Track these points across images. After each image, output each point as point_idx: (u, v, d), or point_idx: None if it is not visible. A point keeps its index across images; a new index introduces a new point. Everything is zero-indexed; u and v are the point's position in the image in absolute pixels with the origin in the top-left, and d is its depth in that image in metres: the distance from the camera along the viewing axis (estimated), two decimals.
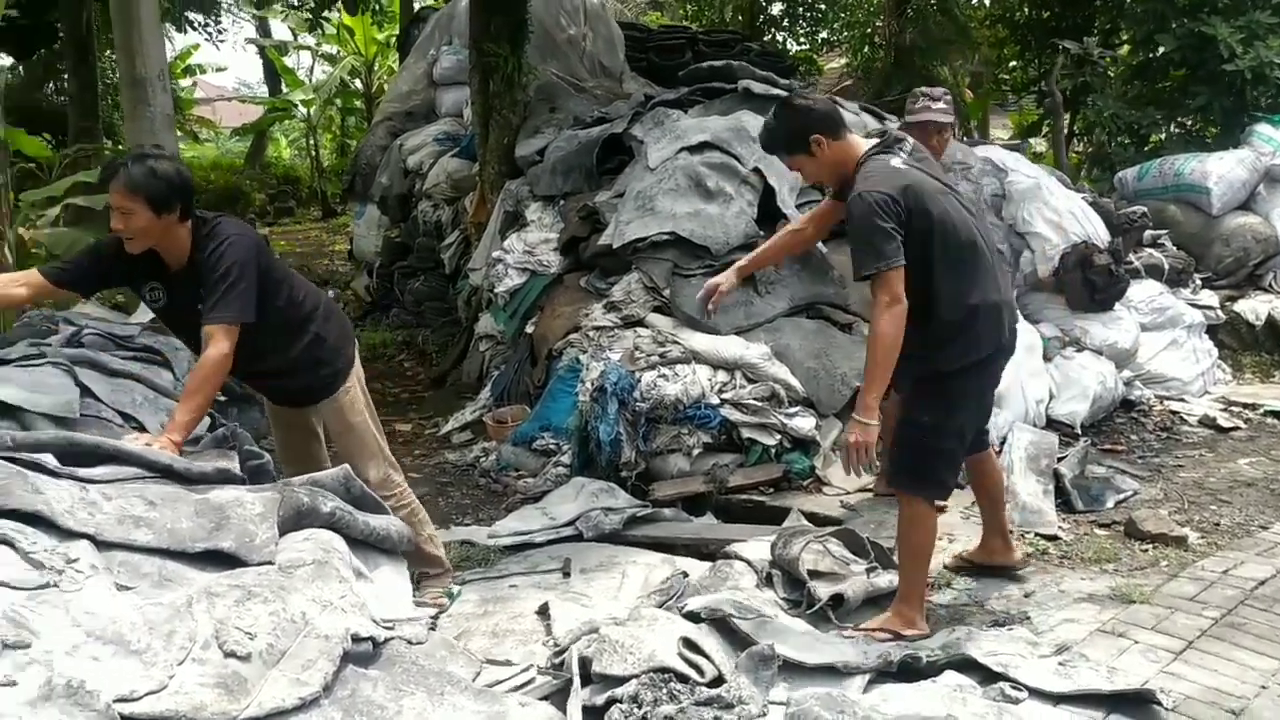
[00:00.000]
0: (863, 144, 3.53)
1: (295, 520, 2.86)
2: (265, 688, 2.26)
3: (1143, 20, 10.39)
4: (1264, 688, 3.07)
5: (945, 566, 4.16)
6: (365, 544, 3.11)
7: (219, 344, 3.20)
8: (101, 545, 2.50)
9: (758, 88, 6.79)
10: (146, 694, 2.11)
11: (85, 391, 4.50)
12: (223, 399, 5.45)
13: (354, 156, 11.20)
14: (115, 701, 2.05)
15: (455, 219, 8.80)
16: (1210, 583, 3.85)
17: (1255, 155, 7.48)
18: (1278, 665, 3.20)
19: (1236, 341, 7.28)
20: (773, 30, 17.55)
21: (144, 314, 5.82)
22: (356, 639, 2.50)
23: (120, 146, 13.94)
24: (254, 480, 3.12)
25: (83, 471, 2.76)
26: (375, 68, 20.44)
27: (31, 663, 2.07)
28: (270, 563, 2.62)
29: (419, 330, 9.09)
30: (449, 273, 8.64)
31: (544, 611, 3.76)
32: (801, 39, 18.01)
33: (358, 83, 21.12)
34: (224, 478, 3.00)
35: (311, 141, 21.30)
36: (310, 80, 23.17)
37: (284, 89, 22.67)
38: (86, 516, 2.54)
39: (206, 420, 4.30)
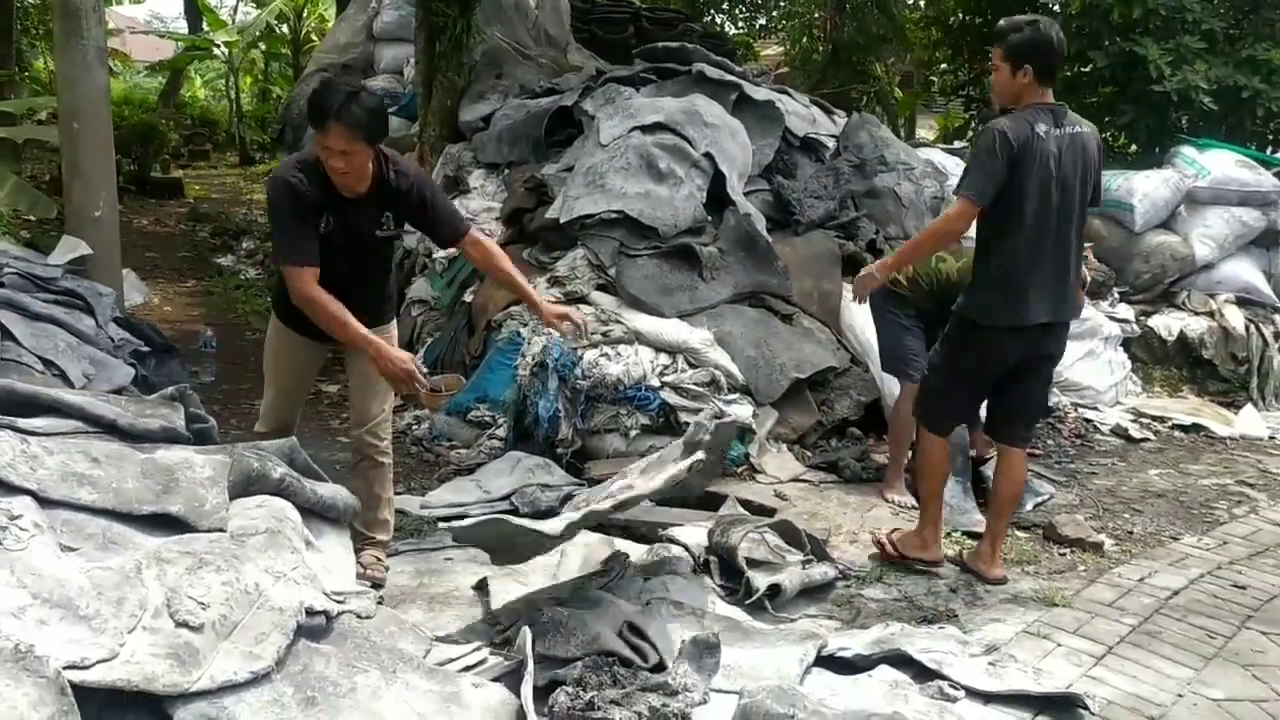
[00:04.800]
0: (1041, 101, 3.78)
1: (244, 485, 2.78)
2: (217, 660, 2.20)
3: (1076, 35, 10.64)
4: (1180, 696, 3.21)
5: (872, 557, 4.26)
6: (310, 513, 3.04)
7: (483, 235, 3.76)
8: (44, 503, 2.39)
9: (712, 72, 6.78)
10: (97, 662, 2.03)
11: (5, 334, 4.31)
12: (145, 349, 5.27)
13: (285, 106, 10.86)
14: (65, 669, 1.97)
15: None
16: (1127, 590, 4.01)
17: (1179, 176, 7.73)
18: (1193, 674, 3.35)
19: (1148, 355, 7.54)
20: (712, 12, 17.55)
21: (63, 254, 5.58)
22: (310, 612, 2.45)
23: (27, 74, 13.31)
24: (199, 444, 3.02)
25: (22, 422, 2.64)
26: (305, 14, 19.85)
27: None
28: (221, 529, 2.54)
29: None
30: None
31: (481, 587, 3.73)
32: (740, 23, 18.08)
33: (284, 28, 20.49)
34: (169, 436, 2.89)
35: (231, 84, 20.58)
36: (234, 21, 22.36)
37: (205, 28, 21.85)
38: (28, 471, 2.43)
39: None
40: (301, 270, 3.32)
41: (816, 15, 15.96)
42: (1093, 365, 6.82)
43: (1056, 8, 12.68)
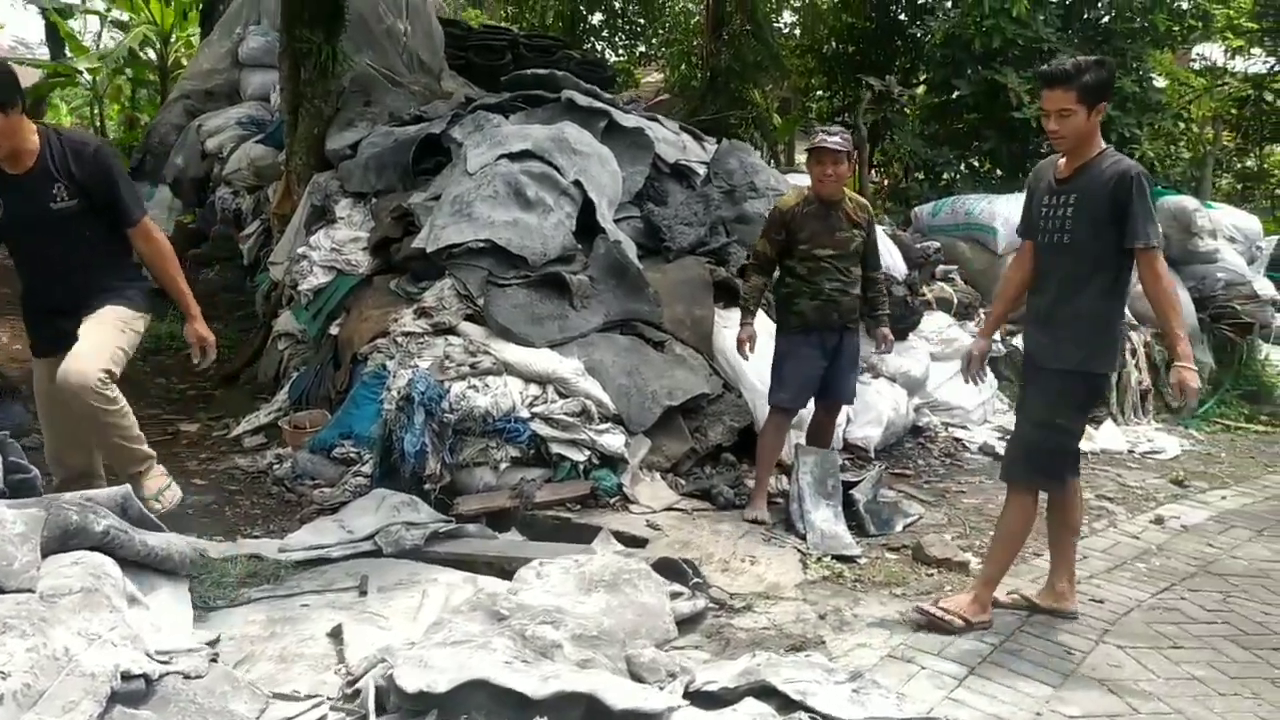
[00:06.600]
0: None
1: (62, 541, 2.61)
2: None
3: (942, 64, 11.01)
4: (1039, 714, 3.26)
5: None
6: (142, 566, 2.87)
7: (157, 230, 3.74)
8: None
9: (581, 100, 6.76)
10: None
11: None
12: None
13: (145, 133, 10.47)
14: None
15: (256, 208, 8.34)
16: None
17: None
18: (1051, 691, 3.41)
19: (1014, 374, 7.73)
20: (592, 40, 17.63)
21: None
22: (127, 676, 2.29)
23: None
24: (17, 496, 2.82)
25: None
26: (172, 39, 19.19)
27: None
28: (30, 590, 2.36)
29: (211, 323, 8.50)
30: (247, 264, 8.17)
31: (337, 634, 3.56)
32: (620, 51, 18.19)
33: (151, 53, 19.76)
34: None
35: (97, 112, 19.77)
36: (98, 47, 21.51)
37: (67, 54, 20.96)
38: None
39: None
40: None
41: (694, 43, 16.15)
42: (961, 385, 6.90)
43: (926, 37, 13.13)
